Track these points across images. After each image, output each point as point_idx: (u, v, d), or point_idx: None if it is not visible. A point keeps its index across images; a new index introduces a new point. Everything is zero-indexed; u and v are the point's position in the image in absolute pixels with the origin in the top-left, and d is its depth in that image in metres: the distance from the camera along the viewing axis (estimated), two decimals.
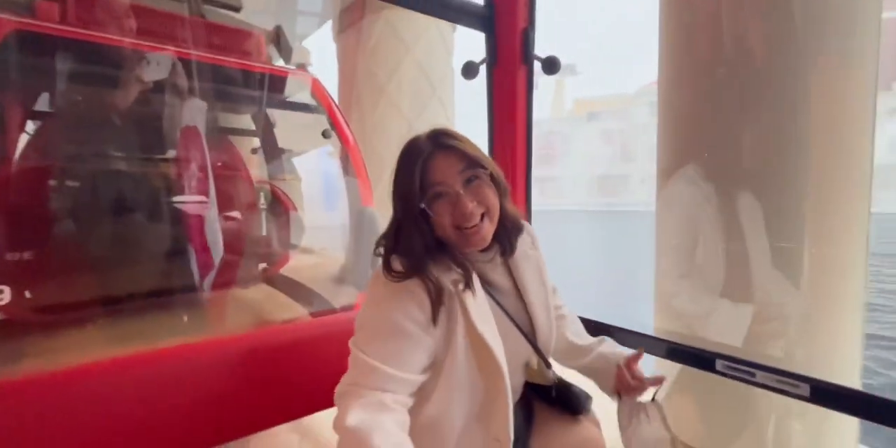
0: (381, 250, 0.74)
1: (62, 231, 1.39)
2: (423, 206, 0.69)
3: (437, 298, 0.69)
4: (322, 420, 0.87)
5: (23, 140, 1.47)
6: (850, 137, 1.35)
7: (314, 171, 2.13)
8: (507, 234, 0.80)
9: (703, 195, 1.41)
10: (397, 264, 0.71)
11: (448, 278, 0.72)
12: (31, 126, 1.55)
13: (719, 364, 1.01)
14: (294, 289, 1.85)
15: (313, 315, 1.92)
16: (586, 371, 0.93)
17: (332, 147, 1.92)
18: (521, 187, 1.31)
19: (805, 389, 0.90)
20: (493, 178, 0.73)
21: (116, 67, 1.45)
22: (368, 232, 1.85)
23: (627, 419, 0.87)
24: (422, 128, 0.75)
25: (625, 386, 0.85)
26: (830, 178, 1.34)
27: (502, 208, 0.76)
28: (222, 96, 1.79)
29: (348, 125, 1.98)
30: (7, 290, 1.28)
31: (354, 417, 0.61)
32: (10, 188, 1.36)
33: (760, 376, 0.95)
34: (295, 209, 2.03)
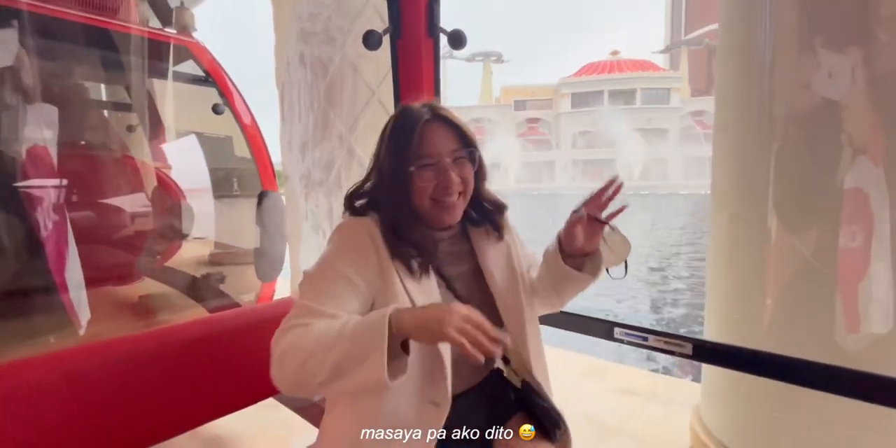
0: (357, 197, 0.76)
1: None
2: (412, 169, 0.71)
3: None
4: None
5: None
6: None
7: (189, 155, 1.88)
8: (487, 214, 0.81)
9: None
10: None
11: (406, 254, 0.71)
12: None
13: (617, 332, 1.06)
14: (185, 281, 1.65)
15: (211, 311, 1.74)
16: (552, 272, 0.79)
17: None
18: None
19: (688, 348, 0.97)
20: (478, 159, 0.75)
21: None
22: (273, 218, 1.69)
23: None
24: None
25: (572, 236, 0.74)
26: None
27: (481, 189, 0.78)
28: (80, 59, 1.51)
29: (244, 100, 1.79)
30: None
31: (287, 340, 0.60)
32: None
33: (652, 340, 1.01)
34: (184, 197, 1.80)
